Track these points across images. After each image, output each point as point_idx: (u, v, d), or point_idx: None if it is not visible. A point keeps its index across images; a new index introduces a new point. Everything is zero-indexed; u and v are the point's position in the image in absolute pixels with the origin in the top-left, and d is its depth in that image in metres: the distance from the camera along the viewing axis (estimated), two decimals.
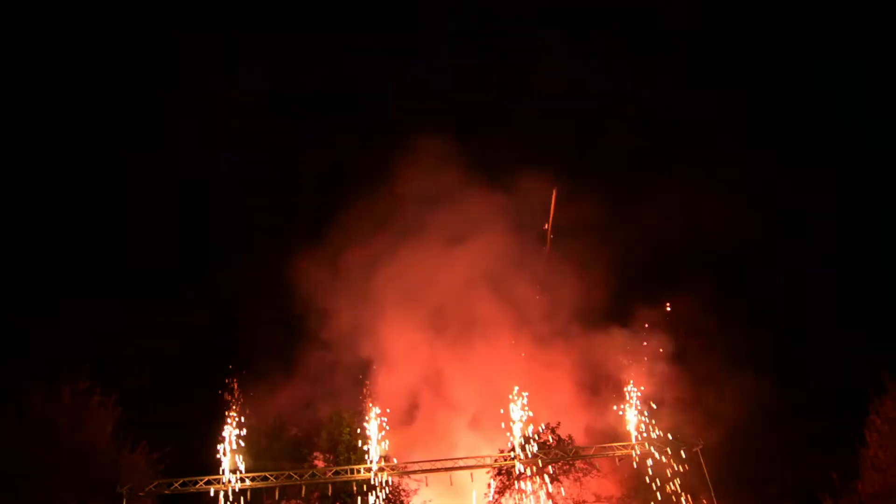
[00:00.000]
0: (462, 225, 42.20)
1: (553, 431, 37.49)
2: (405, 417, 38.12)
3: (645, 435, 37.34)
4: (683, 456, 36.09)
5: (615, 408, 38.55)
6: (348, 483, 35.97)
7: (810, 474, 34.35)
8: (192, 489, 34.59)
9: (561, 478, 36.17)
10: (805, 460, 35.28)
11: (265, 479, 35.46)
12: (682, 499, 35.35)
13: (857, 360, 36.04)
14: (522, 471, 35.95)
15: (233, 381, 37.42)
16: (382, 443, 36.54)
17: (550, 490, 35.34)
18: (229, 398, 36.97)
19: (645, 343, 40.02)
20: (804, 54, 43.12)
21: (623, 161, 45.35)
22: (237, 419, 36.08)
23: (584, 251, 42.42)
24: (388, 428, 36.95)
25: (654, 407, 37.94)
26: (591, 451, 37.63)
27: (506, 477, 36.40)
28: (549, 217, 41.84)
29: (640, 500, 36.96)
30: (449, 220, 42.08)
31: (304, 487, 35.93)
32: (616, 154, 45.25)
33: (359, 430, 37.34)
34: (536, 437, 36.66)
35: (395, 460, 36.32)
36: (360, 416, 37.59)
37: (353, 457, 37.14)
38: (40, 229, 36.82)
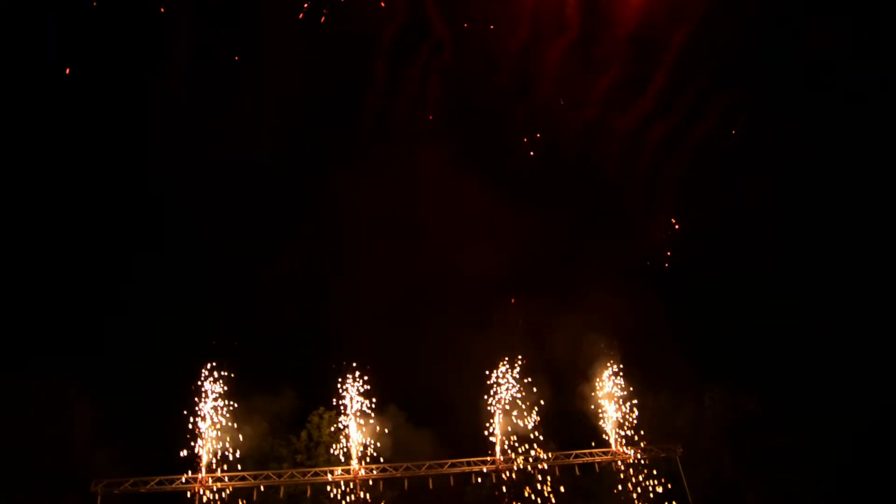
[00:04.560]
0: None
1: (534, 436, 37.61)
2: (388, 410, 37.70)
3: (624, 441, 37.73)
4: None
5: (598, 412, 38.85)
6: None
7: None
8: (169, 488, 34.02)
9: None
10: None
11: (244, 478, 35.08)
12: None
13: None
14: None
15: (210, 377, 36.69)
16: (363, 442, 36.33)
17: None
18: (207, 396, 36.32)
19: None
20: None
21: None
22: (216, 417, 35.58)
23: None
24: (369, 423, 36.68)
25: (635, 413, 38.27)
26: (571, 458, 37.91)
27: None
28: None
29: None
30: None
31: (282, 488, 35.60)
32: None
33: (337, 427, 36.98)
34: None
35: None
36: (339, 412, 37.15)
37: (332, 457, 36.82)
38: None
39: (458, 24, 39.79)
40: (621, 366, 39.59)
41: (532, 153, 43.54)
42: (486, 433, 37.86)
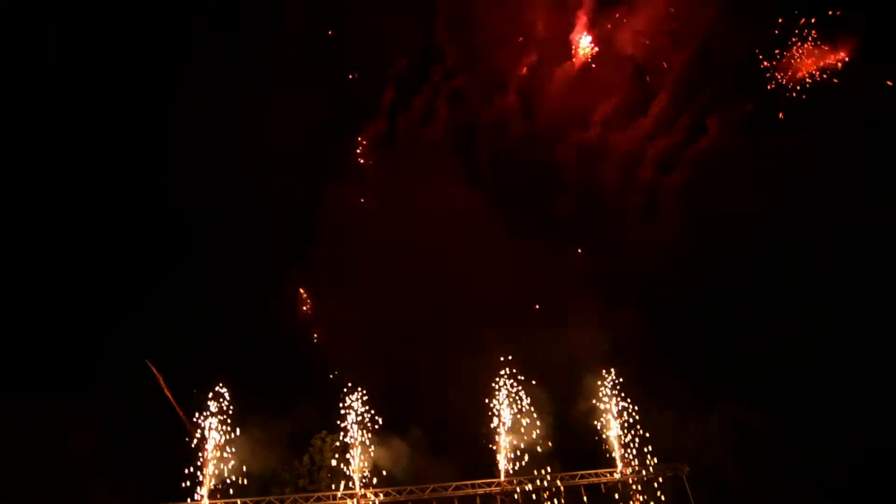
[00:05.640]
0: None
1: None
2: (391, 433, 37.12)
3: (630, 461, 37.55)
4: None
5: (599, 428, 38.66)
6: None
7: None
8: None
9: None
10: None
11: None
12: None
13: None
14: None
15: (211, 401, 35.89)
16: (366, 466, 35.63)
17: None
18: (208, 420, 35.49)
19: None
20: None
21: None
22: (217, 442, 34.74)
23: None
24: (372, 447, 36.01)
25: (640, 432, 38.14)
26: (577, 479, 37.55)
27: None
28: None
29: None
30: None
31: None
32: None
33: (340, 452, 36.33)
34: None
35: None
36: (342, 436, 36.48)
37: (335, 482, 36.08)
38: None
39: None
40: (626, 385, 39.55)
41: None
42: (489, 455, 37.48)
